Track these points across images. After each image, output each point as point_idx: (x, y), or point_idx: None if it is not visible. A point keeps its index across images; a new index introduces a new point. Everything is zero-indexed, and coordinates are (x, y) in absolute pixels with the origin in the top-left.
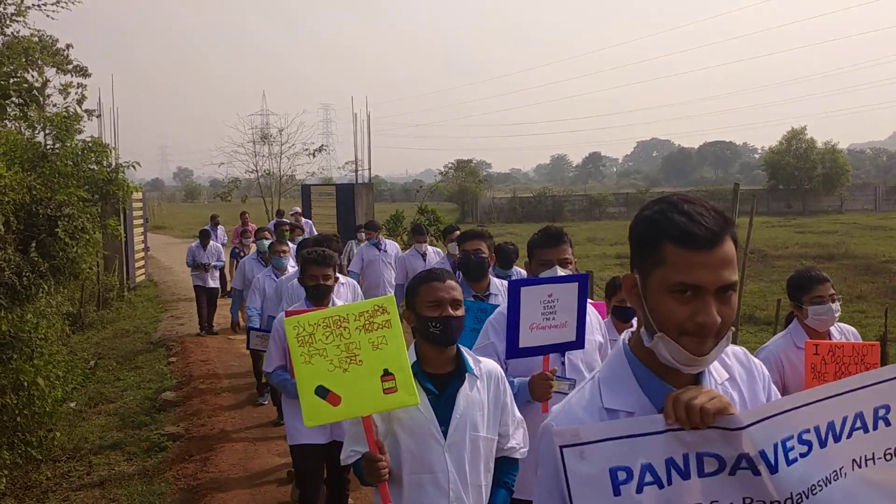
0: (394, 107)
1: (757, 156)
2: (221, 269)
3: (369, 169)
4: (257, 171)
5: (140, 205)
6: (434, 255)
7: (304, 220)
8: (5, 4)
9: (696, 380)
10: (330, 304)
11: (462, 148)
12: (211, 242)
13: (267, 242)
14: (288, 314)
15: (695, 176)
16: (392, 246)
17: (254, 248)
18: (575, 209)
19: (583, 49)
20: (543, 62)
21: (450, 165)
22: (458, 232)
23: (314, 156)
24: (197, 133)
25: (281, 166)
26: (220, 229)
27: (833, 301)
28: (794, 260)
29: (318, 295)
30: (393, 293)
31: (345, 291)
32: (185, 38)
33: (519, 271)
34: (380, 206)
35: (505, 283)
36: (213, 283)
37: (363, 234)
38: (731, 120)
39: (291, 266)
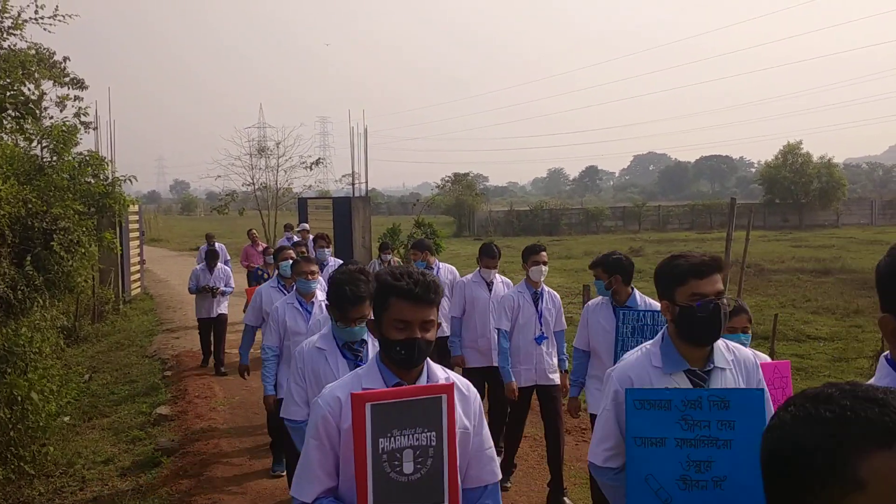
0: (391, 120)
1: (753, 170)
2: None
3: (366, 182)
4: (254, 184)
5: (136, 217)
6: (502, 285)
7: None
8: (2, 18)
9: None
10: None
11: (459, 161)
12: (219, 265)
13: (286, 265)
14: (358, 398)
15: (691, 190)
16: (447, 270)
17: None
18: (571, 223)
19: (580, 63)
20: (541, 76)
21: (447, 179)
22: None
23: (311, 169)
24: (194, 146)
25: (278, 179)
26: (219, 247)
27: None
28: (790, 274)
29: (413, 356)
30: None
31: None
32: (182, 52)
33: (505, 280)
34: (377, 219)
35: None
36: (222, 309)
37: (388, 256)
38: (728, 134)
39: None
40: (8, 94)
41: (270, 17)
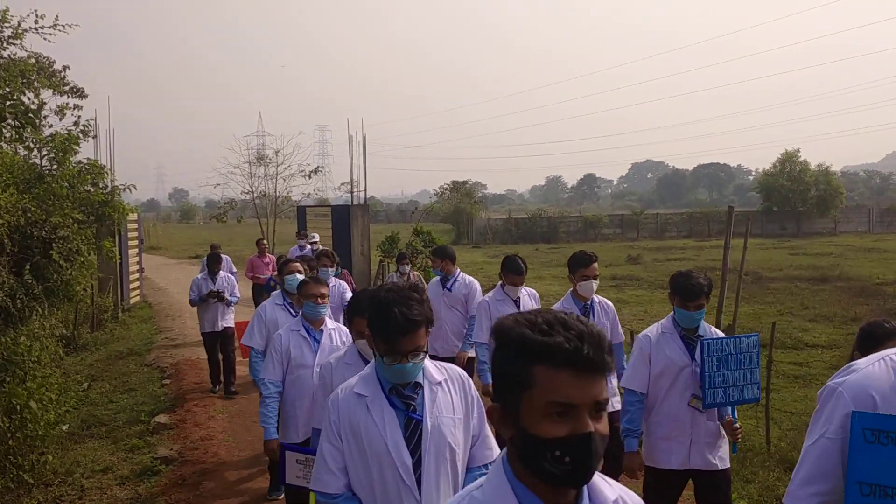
0: (390, 128)
1: (751, 178)
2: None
3: (365, 190)
4: (253, 192)
5: (135, 226)
6: (530, 299)
7: (318, 247)
8: (2, 27)
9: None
10: (318, 359)
11: (457, 169)
12: (222, 272)
13: (299, 278)
14: None
15: (689, 198)
16: (465, 284)
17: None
18: (570, 230)
19: (578, 72)
20: (539, 85)
21: (445, 186)
22: None
23: (310, 177)
24: (193, 154)
25: (277, 187)
26: (225, 259)
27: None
28: (788, 282)
29: (586, 466)
30: (464, 354)
31: (335, 338)
32: (183, 61)
33: (532, 292)
34: (375, 226)
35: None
36: (227, 322)
37: (406, 267)
38: (726, 142)
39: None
40: (8, 103)
41: (274, 25)
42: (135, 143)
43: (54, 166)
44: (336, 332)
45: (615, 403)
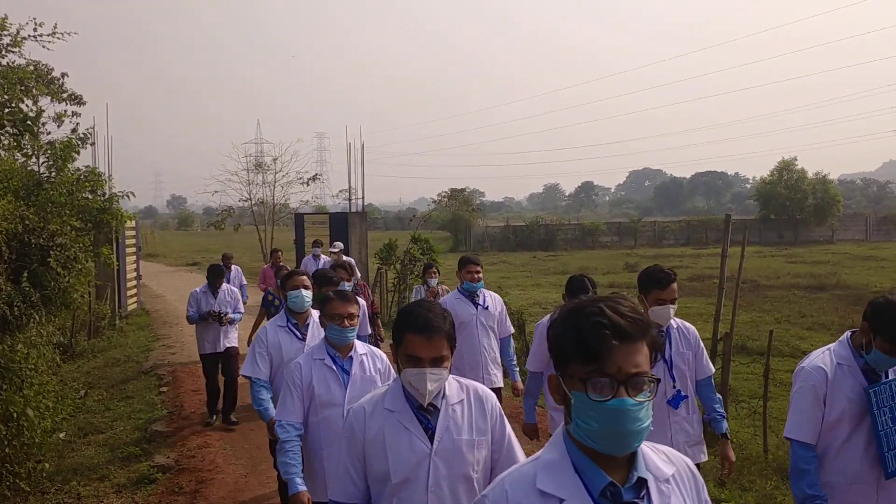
0: (388, 135)
1: (748, 186)
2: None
3: (363, 197)
4: (251, 199)
5: (133, 233)
6: None
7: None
8: (1, 35)
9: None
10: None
11: (455, 177)
12: (224, 285)
13: (307, 295)
14: None
15: (687, 205)
16: (494, 298)
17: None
18: (567, 238)
19: (575, 80)
20: (537, 93)
21: (443, 194)
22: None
23: (308, 184)
24: (191, 161)
25: (275, 195)
26: (235, 271)
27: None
28: (785, 290)
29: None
30: (518, 385)
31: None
32: (180, 67)
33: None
34: (373, 234)
35: None
36: (230, 341)
37: (433, 280)
38: (723, 150)
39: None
40: (6, 110)
41: (270, 35)
42: (132, 150)
43: (53, 173)
44: (369, 357)
45: (702, 455)
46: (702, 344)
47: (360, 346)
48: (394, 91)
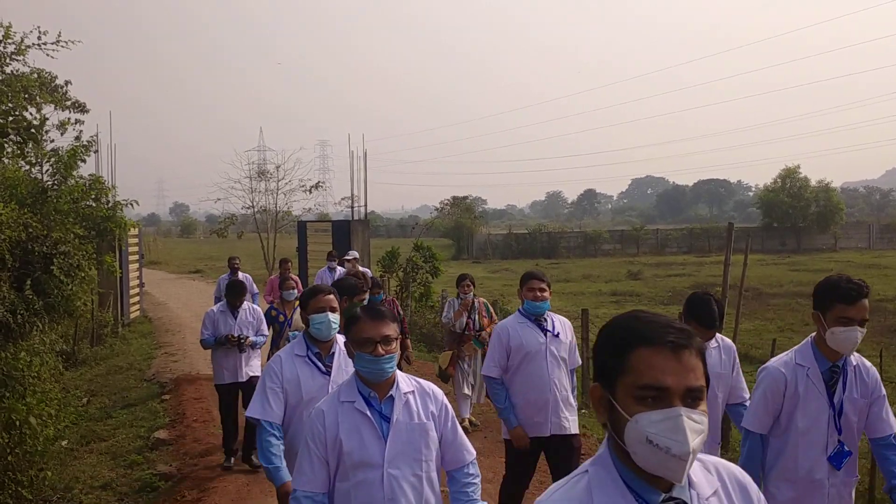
0: (390, 143)
1: (751, 194)
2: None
3: (365, 205)
4: (253, 206)
5: (136, 240)
6: (722, 353)
7: (357, 268)
8: (5, 44)
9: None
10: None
11: (458, 184)
12: (246, 304)
13: (335, 320)
14: None
15: (689, 213)
16: (563, 322)
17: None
18: (570, 246)
19: (578, 88)
20: (539, 100)
21: (446, 201)
22: None
23: (311, 192)
24: (194, 168)
25: (277, 202)
26: (245, 279)
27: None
28: (788, 298)
29: None
30: (573, 422)
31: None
32: (183, 75)
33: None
34: (376, 241)
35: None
36: (253, 369)
37: (470, 294)
38: (726, 158)
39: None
40: (10, 119)
41: (275, 42)
42: (135, 157)
43: (56, 178)
44: (417, 396)
45: None
46: (883, 390)
47: (405, 381)
48: (397, 98)
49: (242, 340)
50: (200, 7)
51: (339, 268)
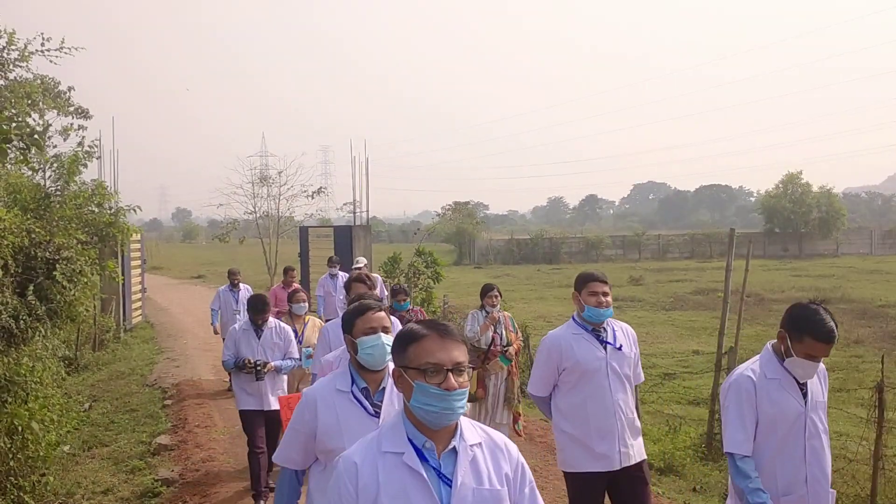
0: (393, 148)
1: (753, 199)
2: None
3: (367, 210)
4: (256, 212)
5: (138, 246)
6: (820, 380)
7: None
8: (9, 50)
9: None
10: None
11: (459, 190)
12: (272, 320)
13: (389, 342)
14: None
15: (691, 219)
16: (627, 333)
17: (311, 336)
18: (572, 251)
19: (580, 93)
20: (540, 106)
21: (447, 207)
22: None
23: (313, 197)
24: (196, 174)
25: (279, 208)
26: (245, 290)
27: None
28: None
29: None
30: (640, 448)
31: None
32: (184, 79)
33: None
34: (377, 247)
35: None
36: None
37: (496, 307)
38: (727, 163)
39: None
40: (13, 124)
41: (277, 46)
42: (138, 163)
43: (59, 184)
44: (485, 450)
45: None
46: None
47: (470, 429)
48: (399, 104)
49: (259, 367)
50: (204, 8)
51: (341, 274)
